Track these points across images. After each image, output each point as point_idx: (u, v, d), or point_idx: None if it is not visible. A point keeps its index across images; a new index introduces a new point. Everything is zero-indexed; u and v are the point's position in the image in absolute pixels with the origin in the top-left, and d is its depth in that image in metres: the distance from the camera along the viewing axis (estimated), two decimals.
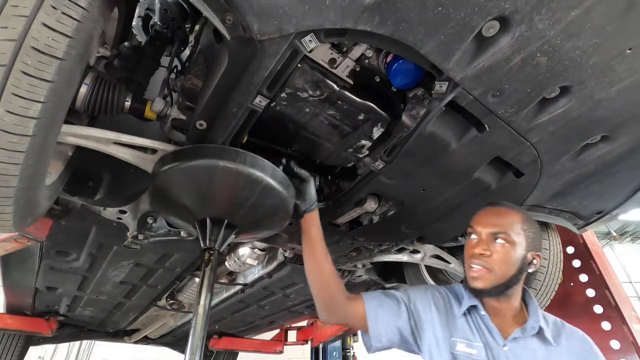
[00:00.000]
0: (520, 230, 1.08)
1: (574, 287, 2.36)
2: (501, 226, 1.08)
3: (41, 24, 0.71)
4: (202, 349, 1.01)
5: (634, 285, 11.01)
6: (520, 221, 1.10)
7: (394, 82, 1.07)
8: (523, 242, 1.08)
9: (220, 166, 1.04)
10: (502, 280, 1.06)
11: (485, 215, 1.14)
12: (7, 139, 0.76)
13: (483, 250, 1.07)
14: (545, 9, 0.76)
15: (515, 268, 1.07)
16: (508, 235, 1.07)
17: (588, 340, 1.10)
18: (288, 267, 2.33)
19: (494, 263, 1.06)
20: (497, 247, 1.07)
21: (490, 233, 1.08)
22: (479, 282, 1.07)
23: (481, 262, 1.07)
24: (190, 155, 1.07)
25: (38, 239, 1.72)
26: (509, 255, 1.06)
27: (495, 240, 1.07)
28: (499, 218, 1.11)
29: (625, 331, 2.12)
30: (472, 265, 1.09)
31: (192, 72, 1.14)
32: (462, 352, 1.11)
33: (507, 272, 1.06)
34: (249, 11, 0.79)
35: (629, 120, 1.05)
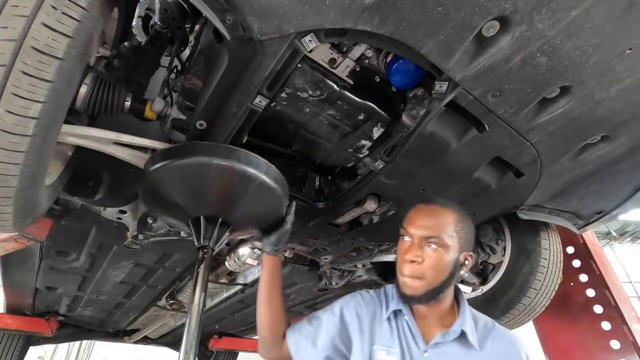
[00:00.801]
0: (453, 233, 1.02)
1: (574, 287, 2.35)
2: (434, 229, 1.01)
3: (41, 24, 0.71)
4: (196, 348, 1.00)
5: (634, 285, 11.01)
6: (454, 222, 1.03)
7: (394, 82, 1.07)
8: (456, 245, 1.02)
9: (214, 164, 1.04)
10: (433, 286, 1.01)
11: (418, 216, 1.06)
12: (7, 139, 0.76)
13: (415, 257, 1.00)
14: (545, 9, 0.76)
15: (448, 272, 1.02)
16: (441, 240, 1.00)
17: (516, 342, 1.03)
18: (288, 267, 2.33)
19: (426, 270, 1.00)
20: (429, 252, 1.00)
21: (423, 237, 1.01)
22: (409, 290, 1.02)
23: (412, 268, 1.01)
24: (182, 153, 1.06)
25: (38, 239, 1.72)
26: (441, 261, 1.00)
27: (427, 245, 1.01)
28: (432, 219, 1.03)
29: (625, 331, 2.12)
30: (404, 271, 1.03)
31: (192, 72, 1.14)
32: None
33: (439, 277, 1.01)
34: (249, 11, 0.79)
35: (629, 120, 1.05)
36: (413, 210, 1.09)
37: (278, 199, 1.17)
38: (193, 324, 1.04)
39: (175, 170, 1.06)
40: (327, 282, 2.51)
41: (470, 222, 1.07)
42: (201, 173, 1.06)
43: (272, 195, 1.15)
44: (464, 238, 1.03)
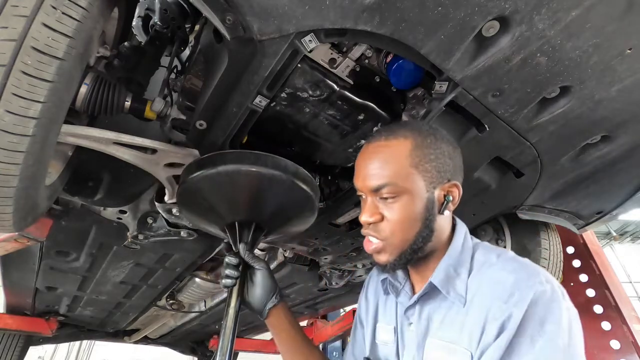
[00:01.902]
0: (410, 169, 0.76)
1: (574, 287, 2.35)
2: (380, 175, 0.77)
3: (41, 24, 0.71)
4: (232, 350, 0.99)
5: (634, 285, 11.01)
6: (407, 153, 0.76)
7: (394, 82, 1.07)
8: (421, 182, 0.76)
9: (242, 170, 1.05)
10: (406, 246, 0.78)
11: (362, 162, 0.81)
12: (7, 139, 0.76)
13: (371, 217, 0.78)
14: (545, 9, 0.76)
15: (420, 223, 0.77)
16: (395, 186, 0.75)
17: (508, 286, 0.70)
18: (288, 267, 2.33)
19: (388, 230, 0.77)
20: (387, 206, 0.77)
21: (371, 190, 0.78)
22: (379, 257, 0.81)
23: (373, 232, 0.80)
24: (212, 162, 1.08)
25: (38, 239, 1.72)
26: (406, 212, 0.76)
27: (381, 198, 0.78)
28: (376, 162, 0.78)
29: (625, 331, 2.12)
30: (367, 237, 0.82)
31: (192, 72, 1.14)
32: (381, 340, 0.91)
33: (407, 234, 0.77)
34: (249, 11, 0.79)
35: (629, 120, 1.05)
36: (359, 154, 0.85)
37: (308, 199, 1.17)
38: (229, 326, 1.02)
39: (209, 179, 1.08)
40: (327, 282, 2.51)
41: (439, 142, 0.80)
42: (231, 180, 1.07)
43: (303, 195, 1.15)
44: (431, 168, 0.77)
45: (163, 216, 1.63)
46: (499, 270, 0.74)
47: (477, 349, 0.68)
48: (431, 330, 0.77)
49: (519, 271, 0.72)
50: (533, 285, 0.68)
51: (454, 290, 0.76)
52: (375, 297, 0.98)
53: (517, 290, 0.68)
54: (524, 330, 0.64)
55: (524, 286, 0.68)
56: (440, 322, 0.77)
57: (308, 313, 3.36)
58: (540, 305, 0.65)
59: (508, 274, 0.72)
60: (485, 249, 0.81)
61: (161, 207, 1.54)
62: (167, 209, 1.53)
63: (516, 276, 0.71)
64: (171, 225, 1.80)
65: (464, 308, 0.74)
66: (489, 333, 0.67)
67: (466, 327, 0.71)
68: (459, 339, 0.71)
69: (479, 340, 0.68)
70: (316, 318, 4.22)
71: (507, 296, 0.68)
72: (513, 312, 0.65)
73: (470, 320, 0.71)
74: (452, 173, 0.81)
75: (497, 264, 0.76)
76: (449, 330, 0.74)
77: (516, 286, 0.69)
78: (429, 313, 0.80)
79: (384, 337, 0.88)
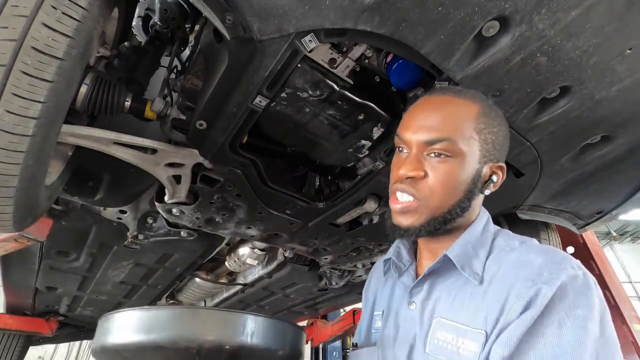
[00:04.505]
0: (473, 133, 0.69)
1: None
2: (441, 129, 0.69)
3: (41, 24, 0.71)
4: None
5: (634, 285, 11.01)
6: (474, 116, 0.70)
7: (394, 82, 1.07)
8: (476, 151, 0.70)
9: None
10: (439, 213, 0.70)
11: (417, 113, 0.73)
12: (7, 139, 0.76)
13: (412, 171, 0.69)
14: (545, 9, 0.76)
15: (462, 192, 0.70)
16: (452, 144, 0.68)
17: (535, 269, 0.63)
18: (288, 267, 2.33)
19: (428, 189, 0.69)
20: (433, 164, 0.69)
21: (424, 142, 0.69)
22: (405, 219, 0.71)
23: (408, 188, 0.70)
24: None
25: (38, 239, 1.72)
26: (453, 175, 0.69)
27: (432, 153, 0.69)
28: (438, 115, 0.71)
29: (625, 331, 2.12)
30: (397, 194, 0.72)
31: (192, 72, 1.14)
32: (376, 328, 0.84)
33: (447, 200, 0.70)
34: (249, 11, 0.79)
35: (629, 120, 1.05)
36: (412, 106, 0.77)
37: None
38: None
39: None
40: (327, 282, 2.51)
41: (500, 119, 0.74)
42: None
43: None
44: (490, 141, 0.71)
45: (163, 216, 1.63)
46: (524, 253, 0.68)
47: (494, 327, 0.61)
48: (439, 310, 0.70)
49: (547, 254, 0.65)
50: (565, 268, 0.61)
51: (470, 267, 0.69)
52: (375, 287, 0.93)
53: (546, 270, 0.61)
54: (552, 311, 0.57)
55: (555, 268, 0.61)
56: (451, 301, 0.69)
57: (308, 313, 3.36)
58: (571, 290, 0.58)
59: (535, 256, 0.65)
60: (507, 235, 0.76)
61: (161, 207, 1.54)
62: (167, 209, 1.53)
63: (545, 258, 0.64)
64: (171, 225, 1.81)
65: (480, 287, 0.67)
66: (513, 310, 0.60)
67: (482, 308, 0.64)
68: (472, 321, 0.64)
69: (496, 320, 0.61)
70: (316, 318, 4.22)
71: (535, 275, 0.61)
72: (542, 288, 0.59)
73: (487, 301, 0.64)
74: (502, 154, 0.75)
75: (521, 248, 0.70)
76: (461, 310, 0.67)
77: (546, 267, 0.62)
78: (439, 291, 0.72)
79: (378, 324, 0.83)
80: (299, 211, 1.56)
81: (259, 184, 1.38)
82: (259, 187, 1.39)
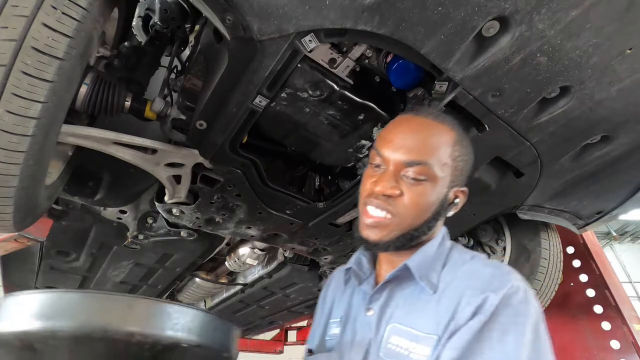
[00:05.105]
0: (448, 159, 0.73)
1: (574, 287, 2.35)
2: (421, 152, 0.72)
3: (41, 24, 0.71)
4: None
5: (634, 285, 11.00)
6: (451, 143, 0.74)
7: (394, 82, 1.07)
8: (448, 177, 0.74)
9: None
10: (407, 230, 0.74)
11: (398, 132, 0.75)
12: (7, 139, 0.76)
13: (389, 189, 0.71)
14: (545, 9, 0.76)
15: (430, 213, 0.74)
16: (429, 168, 0.71)
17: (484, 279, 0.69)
18: (288, 267, 2.33)
19: (402, 208, 0.72)
20: (408, 184, 0.72)
21: (402, 162, 0.72)
22: (375, 233, 0.74)
23: (383, 204, 0.72)
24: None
25: (38, 239, 1.72)
26: (425, 197, 0.72)
27: (407, 174, 0.72)
28: (419, 137, 0.73)
29: (625, 331, 2.12)
30: (369, 208, 0.74)
31: (192, 72, 1.14)
32: (331, 335, 0.85)
33: (417, 220, 0.73)
34: (249, 11, 0.79)
35: (629, 120, 1.05)
36: (391, 123, 0.79)
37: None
38: None
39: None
40: None
41: (469, 147, 0.79)
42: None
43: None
44: (460, 168, 0.76)
45: (163, 216, 1.63)
46: (474, 265, 0.74)
47: (445, 332, 0.66)
48: (395, 316, 0.74)
49: (495, 267, 0.72)
50: (509, 280, 0.67)
51: (427, 278, 0.73)
52: (333, 295, 0.94)
53: (493, 281, 0.67)
54: (497, 317, 0.63)
55: (501, 280, 0.68)
56: (407, 309, 0.74)
57: (308, 313, 3.35)
58: (514, 299, 0.65)
59: (484, 267, 0.73)
60: (461, 250, 0.82)
61: (161, 207, 1.54)
62: (167, 209, 1.53)
63: (493, 270, 0.71)
64: (171, 225, 1.80)
65: (434, 296, 0.72)
66: (462, 315, 0.65)
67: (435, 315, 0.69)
68: (425, 327, 0.69)
69: (447, 325, 0.66)
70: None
71: (484, 285, 0.67)
72: (489, 296, 0.65)
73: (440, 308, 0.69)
74: (466, 179, 0.80)
75: (472, 261, 0.76)
76: (416, 317, 0.71)
77: (493, 278, 0.68)
78: (397, 299, 0.76)
79: (335, 331, 0.85)
80: (299, 211, 1.56)
81: (259, 184, 1.38)
82: (259, 187, 1.39)
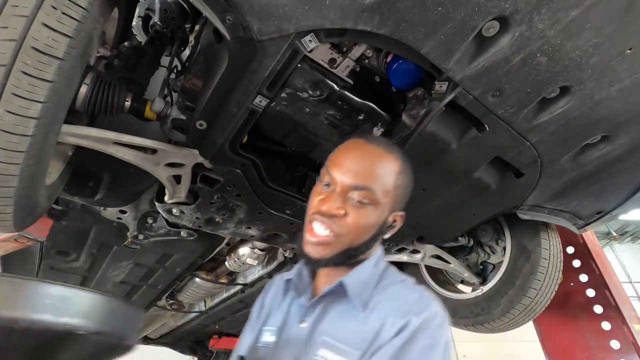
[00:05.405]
0: (391, 188, 0.79)
1: (574, 287, 2.35)
2: (367, 178, 0.77)
3: (41, 24, 0.71)
4: None
5: (634, 285, 11.00)
6: (395, 172, 0.80)
7: (394, 82, 1.07)
8: (389, 203, 0.79)
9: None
10: (347, 248, 0.79)
11: (348, 156, 0.81)
12: (7, 139, 0.76)
13: (336, 209, 0.76)
14: (545, 9, 0.76)
15: (370, 235, 0.80)
16: (374, 194, 0.76)
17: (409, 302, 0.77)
18: (288, 267, 2.33)
19: (345, 227, 0.77)
20: (353, 206, 0.77)
21: (349, 186, 0.76)
22: (317, 251, 0.78)
23: (329, 223, 0.77)
24: None
25: (38, 239, 1.72)
26: (367, 220, 0.78)
27: (353, 197, 0.76)
28: (367, 164, 0.79)
29: (625, 331, 2.12)
30: (314, 225, 0.78)
31: (192, 72, 1.14)
32: (263, 343, 0.87)
33: (358, 240, 0.79)
34: (249, 11, 0.79)
35: (629, 120, 1.05)
36: (343, 146, 0.84)
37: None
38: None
39: None
40: None
41: (411, 176, 0.85)
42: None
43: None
44: (400, 195, 0.82)
45: (163, 216, 1.63)
46: (402, 288, 0.83)
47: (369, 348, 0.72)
48: (327, 331, 0.79)
49: (420, 292, 0.81)
50: (430, 305, 0.77)
51: (359, 296, 0.79)
52: (271, 302, 0.96)
53: (416, 305, 0.76)
54: (417, 339, 0.70)
55: (423, 305, 0.76)
56: (337, 324, 0.79)
57: None
58: (432, 323, 0.74)
59: (411, 292, 0.81)
60: (393, 273, 0.88)
61: (161, 207, 1.54)
62: (167, 209, 1.53)
63: (418, 295, 0.80)
64: (171, 225, 1.80)
65: (362, 314, 0.78)
66: (386, 335, 0.72)
67: (361, 331, 0.75)
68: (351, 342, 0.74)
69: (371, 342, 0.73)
70: None
71: (408, 308, 0.75)
72: (412, 319, 0.72)
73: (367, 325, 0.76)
74: (404, 204, 0.86)
75: (401, 284, 0.84)
76: (344, 332, 0.77)
77: (416, 303, 0.77)
78: (330, 314, 0.82)
79: (268, 339, 0.87)
80: (299, 211, 1.56)
81: (259, 184, 1.38)
82: (259, 187, 1.39)
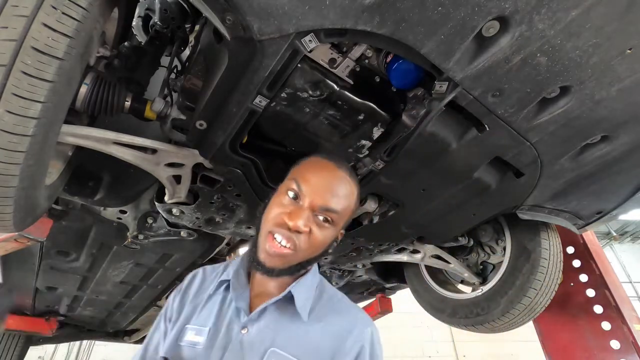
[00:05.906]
0: (349, 211, 0.87)
1: (574, 287, 2.35)
2: (337, 203, 0.82)
3: (41, 24, 0.71)
4: None
5: (634, 285, 11.00)
6: (355, 198, 0.88)
7: (394, 82, 1.06)
8: (342, 223, 0.87)
9: None
10: (301, 261, 0.83)
11: (322, 177, 0.84)
12: (7, 139, 0.76)
13: (305, 227, 0.79)
14: (545, 9, 0.76)
15: (322, 250, 0.86)
16: (339, 217, 0.83)
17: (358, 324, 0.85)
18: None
19: (307, 244, 0.80)
20: (317, 224, 0.80)
21: (320, 207, 0.80)
22: (273, 262, 0.81)
23: (293, 238, 0.79)
24: None
25: (38, 239, 1.72)
26: (326, 238, 0.83)
27: (318, 217, 0.80)
28: (343, 190, 0.84)
29: (625, 331, 2.12)
30: (276, 236, 0.80)
31: (192, 72, 1.14)
32: (187, 342, 0.85)
33: (313, 254, 0.84)
34: (249, 11, 0.79)
35: (629, 120, 1.05)
36: (312, 163, 0.89)
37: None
38: None
39: None
40: None
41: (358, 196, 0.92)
42: None
43: None
44: (350, 216, 0.89)
45: (163, 216, 1.63)
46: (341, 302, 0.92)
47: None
48: (276, 342, 0.81)
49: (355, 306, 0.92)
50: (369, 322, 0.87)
51: (305, 306, 0.85)
52: (195, 299, 0.94)
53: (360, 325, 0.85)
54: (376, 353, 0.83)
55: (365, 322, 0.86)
56: (287, 335, 0.82)
57: None
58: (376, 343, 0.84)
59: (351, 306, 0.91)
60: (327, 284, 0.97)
61: (161, 207, 1.54)
62: (167, 209, 1.53)
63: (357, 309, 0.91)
64: (171, 225, 1.80)
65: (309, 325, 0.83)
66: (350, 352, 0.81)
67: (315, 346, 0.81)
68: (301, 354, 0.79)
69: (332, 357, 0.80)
70: None
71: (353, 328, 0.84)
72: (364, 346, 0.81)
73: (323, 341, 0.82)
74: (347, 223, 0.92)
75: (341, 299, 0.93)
76: (296, 346, 0.80)
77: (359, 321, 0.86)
78: (276, 324, 0.83)
79: (193, 339, 0.85)
80: None
81: (259, 184, 1.38)
82: (259, 187, 1.39)
